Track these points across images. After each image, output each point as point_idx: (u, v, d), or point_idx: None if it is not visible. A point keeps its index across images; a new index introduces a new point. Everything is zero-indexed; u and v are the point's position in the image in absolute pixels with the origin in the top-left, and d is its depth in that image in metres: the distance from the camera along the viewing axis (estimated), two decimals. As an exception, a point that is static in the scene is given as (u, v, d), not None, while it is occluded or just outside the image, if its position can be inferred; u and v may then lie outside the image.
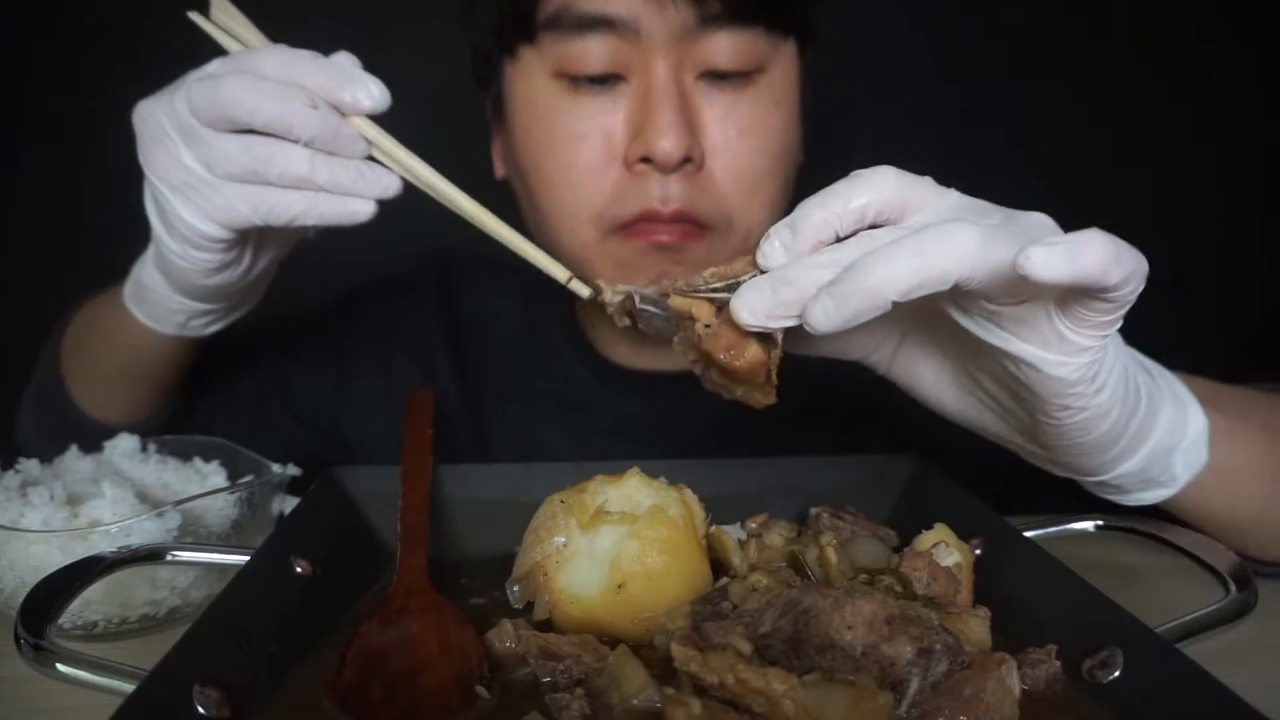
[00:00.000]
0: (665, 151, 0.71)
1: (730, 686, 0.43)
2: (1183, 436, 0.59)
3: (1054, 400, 0.49)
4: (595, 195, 0.76)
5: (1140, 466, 0.58)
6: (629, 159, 0.74)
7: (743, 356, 0.48)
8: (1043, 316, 0.46)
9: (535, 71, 0.76)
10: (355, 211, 0.60)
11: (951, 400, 0.58)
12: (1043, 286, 0.42)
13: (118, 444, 0.72)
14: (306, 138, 0.57)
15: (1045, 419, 0.51)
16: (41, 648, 0.45)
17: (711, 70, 0.74)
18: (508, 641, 0.50)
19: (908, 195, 0.48)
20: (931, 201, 0.48)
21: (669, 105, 0.72)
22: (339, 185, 0.59)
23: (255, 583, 0.51)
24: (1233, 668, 0.43)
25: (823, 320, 0.44)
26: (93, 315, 0.82)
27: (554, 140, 0.76)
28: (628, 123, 0.74)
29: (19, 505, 0.61)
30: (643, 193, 0.74)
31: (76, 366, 0.83)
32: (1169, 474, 0.60)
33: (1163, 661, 0.45)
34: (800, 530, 0.62)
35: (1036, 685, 0.47)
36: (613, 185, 0.75)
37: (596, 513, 0.54)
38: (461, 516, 0.66)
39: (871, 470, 0.70)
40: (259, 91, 0.56)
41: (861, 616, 0.44)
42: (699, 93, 0.74)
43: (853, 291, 0.43)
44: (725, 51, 0.73)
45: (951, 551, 0.55)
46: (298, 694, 0.46)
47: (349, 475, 0.66)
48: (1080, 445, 0.54)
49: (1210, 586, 0.54)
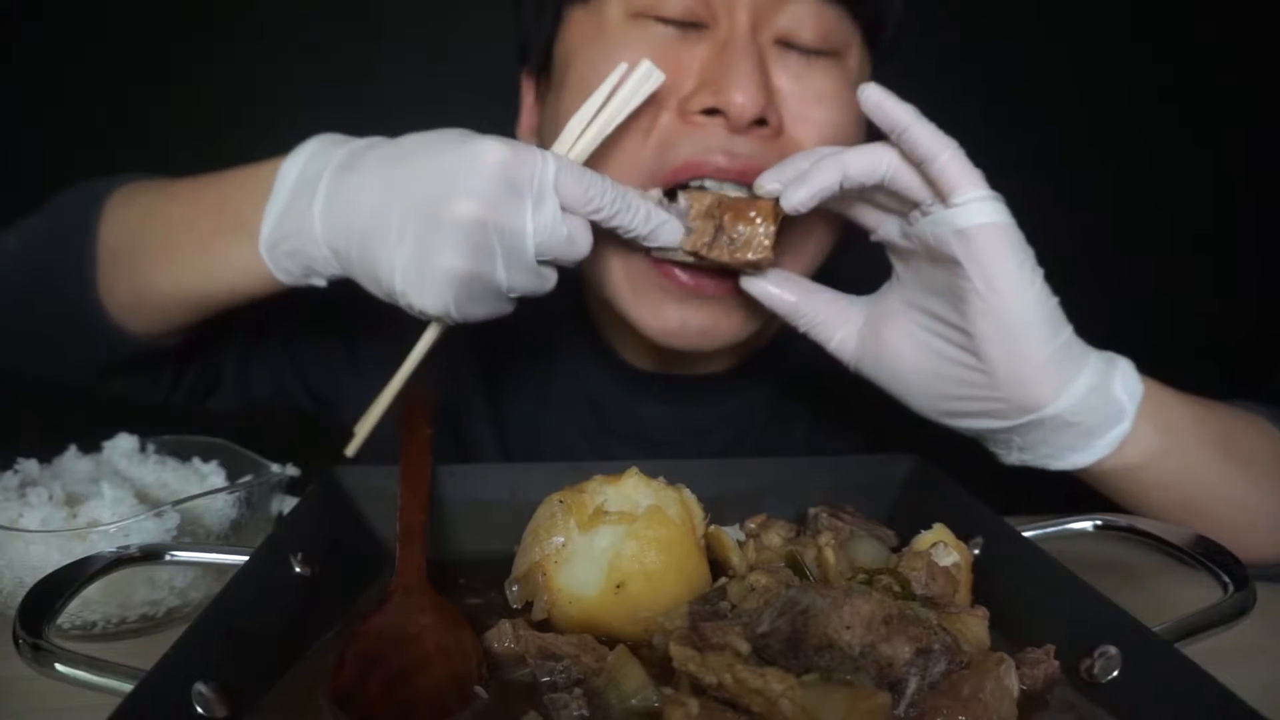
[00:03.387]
0: (740, 104, 0.68)
1: (728, 686, 0.43)
2: (1114, 367, 0.65)
3: (974, 256, 0.60)
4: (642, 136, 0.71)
5: (1085, 390, 0.62)
6: (689, 108, 0.70)
7: (757, 200, 0.67)
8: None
9: (611, 14, 0.73)
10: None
11: (910, 353, 0.66)
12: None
13: (117, 444, 0.72)
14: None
15: (975, 296, 0.60)
16: (40, 647, 0.45)
17: (789, 39, 0.72)
18: (506, 641, 0.50)
19: None
20: None
21: (749, 59, 0.69)
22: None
23: (254, 583, 0.51)
24: (1231, 667, 0.43)
25: (795, 194, 0.63)
26: (170, 223, 0.72)
27: (611, 65, 0.69)
28: (699, 71, 0.71)
29: (18, 505, 0.61)
30: (698, 142, 0.70)
31: (132, 279, 0.73)
32: (1115, 404, 0.63)
33: (1161, 661, 0.45)
34: (799, 530, 0.62)
35: (1035, 685, 0.47)
36: (661, 132, 0.71)
37: (595, 513, 0.54)
38: (460, 516, 0.66)
39: (871, 470, 0.70)
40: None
41: (860, 616, 0.44)
42: (774, 57, 0.72)
43: (816, 173, 0.62)
44: (807, 21, 0.72)
45: (950, 551, 0.55)
46: (296, 694, 0.46)
47: (348, 475, 0.66)
48: (1011, 331, 0.60)
49: (1209, 586, 0.54)
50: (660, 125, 0.71)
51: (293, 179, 0.65)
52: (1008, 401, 0.62)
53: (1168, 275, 1.78)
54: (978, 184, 0.60)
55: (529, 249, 0.61)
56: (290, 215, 0.65)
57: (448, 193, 0.58)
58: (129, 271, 0.73)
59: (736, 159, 0.69)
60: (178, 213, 0.72)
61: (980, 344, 0.61)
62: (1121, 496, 0.67)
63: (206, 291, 0.72)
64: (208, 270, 0.71)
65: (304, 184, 0.64)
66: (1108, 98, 1.72)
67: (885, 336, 0.67)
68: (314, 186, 0.63)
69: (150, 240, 0.73)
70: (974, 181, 0.60)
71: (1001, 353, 0.61)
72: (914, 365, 0.66)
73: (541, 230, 0.60)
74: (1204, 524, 0.62)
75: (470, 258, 0.59)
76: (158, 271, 0.72)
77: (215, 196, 0.70)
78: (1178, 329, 1.55)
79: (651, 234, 0.66)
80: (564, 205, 0.61)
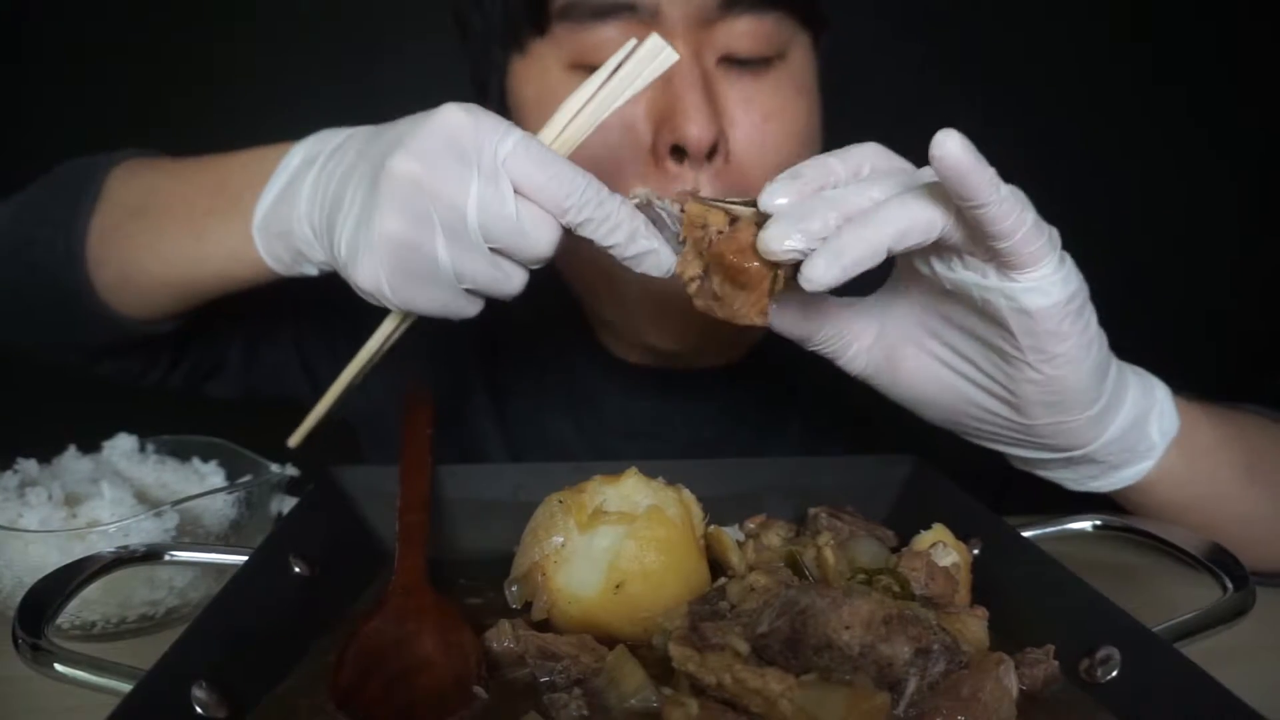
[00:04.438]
0: (695, 137, 0.68)
1: (728, 686, 0.43)
2: (1153, 401, 0.61)
3: (1034, 332, 0.52)
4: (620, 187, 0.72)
5: (1120, 433, 0.59)
6: (659, 150, 0.70)
7: (752, 260, 0.51)
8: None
9: (549, 65, 0.73)
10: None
11: (933, 385, 0.60)
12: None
13: (117, 444, 0.72)
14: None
15: (1026, 367, 0.54)
16: (40, 647, 0.45)
17: (731, 56, 0.72)
18: (506, 641, 0.50)
19: (895, 164, 0.54)
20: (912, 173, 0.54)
21: (695, 89, 0.69)
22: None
23: (253, 583, 0.51)
24: (1231, 667, 0.43)
25: (825, 271, 0.48)
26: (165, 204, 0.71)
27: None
28: (650, 112, 0.71)
29: (17, 505, 0.62)
30: (671, 189, 0.70)
31: (121, 259, 0.72)
32: (1147, 441, 0.61)
33: (1161, 661, 0.45)
34: (798, 530, 0.62)
35: (1034, 685, 0.47)
36: (644, 181, 0.71)
37: (595, 513, 0.54)
38: (460, 516, 0.66)
39: (870, 470, 0.70)
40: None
41: (859, 616, 0.44)
42: (720, 78, 0.72)
43: (853, 241, 0.48)
44: (745, 36, 0.72)
45: (950, 551, 0.55)
46: (296, 694, 0.46)
47: (348, 475, 0.66)
48: (1061, 399, 0.55)
49: (1208, 586, 0.54)
50: (638, 173, 0.71)
51: (296, 162, 0.64)
52: (1040, 444, 0.60)
53: (1168, 273, 1.78)
54: (1051, 260, 0.51)
55: (470, 226, 0.53)
56: (285, 197, 0.63)
57: (391, 150, 0.54)
58: (119, 250, 0.72)
59: None
60: (176, 191, 0.71)
61: (1023, 404, 0.56)
62: (1138, 510, 0.66)
63: (194, 275, 0.70)
64: (198, 252, 0.69)
65: (305, 165, 0.63)
66: (1106, 99, 1.72)
67: (902, 364, 0.60)
68: (310, 167, 0.62)
69: (144, 219, 0.72)
70: (1048, 259, 0.51)
71: (1046, 414, 0.57)
72: (935, 398, 0.61)
73: (486, 208, 0.53)
74: (1223, 539, 0.60)
75: (404, 221, 0.53)
76: (147, 251, 0.71)
77: (217, 177, 0.69)
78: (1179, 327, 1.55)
79: (635, 259, 0.56)
80: (521, 190, 0.53)
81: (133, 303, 0.74)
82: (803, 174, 0.52)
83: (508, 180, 0.53)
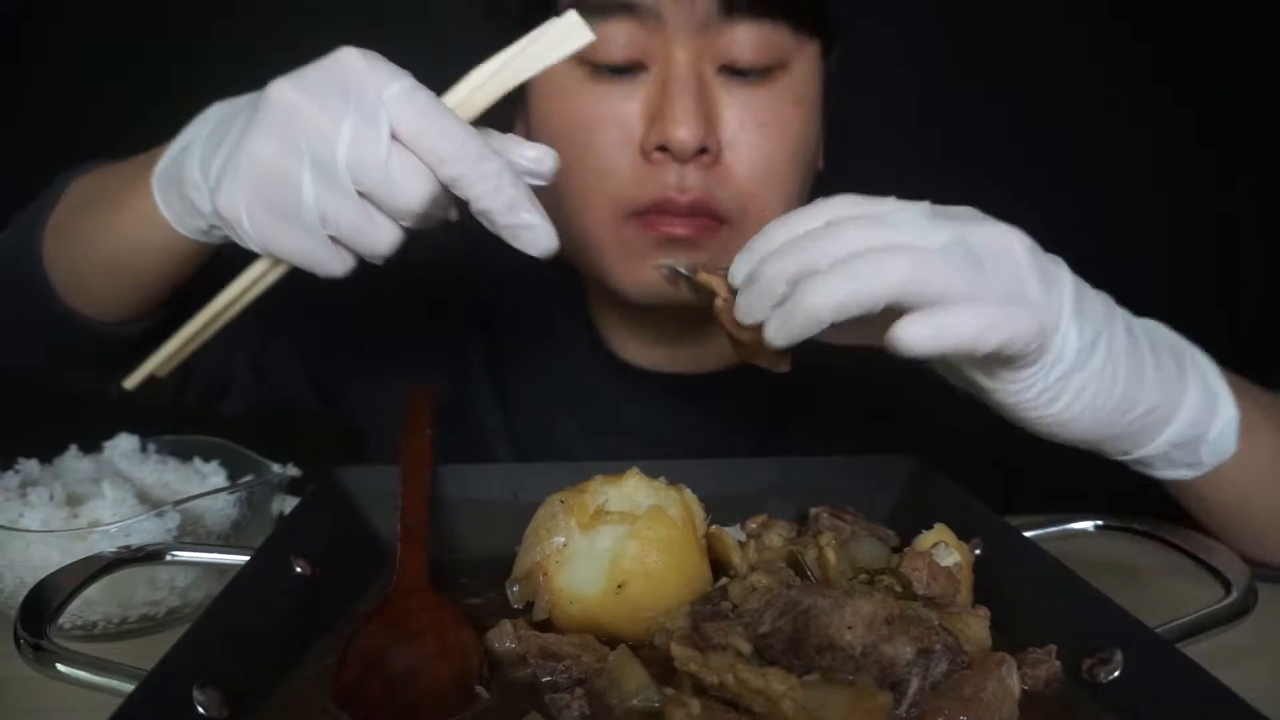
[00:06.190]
0: (681, 140, 0.70)
1: (730, 686, 0.43)
2: (1209, 427, 0.60)
3: (1015, 411, 0.55)
4: (611, 181, 0.75)
5: (1162, 452, 0.60)
6: (646, 147, 0.73)
7: (746, 330, 0.53)
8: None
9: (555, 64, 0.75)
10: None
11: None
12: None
13: (118, 444, 0.72)
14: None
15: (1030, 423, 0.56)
16: (41, 648, 0.45)
17: (732, 63, 0.73)
18: (507, 641, 0.50)
19: (861, 210, 0.51)
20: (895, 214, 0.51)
21: (687, 94, 0.71)
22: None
23: (255, 583, 0.51)
24: (1233, 668, 0.43)
25: (776, 337, 0.50)
26: (96, 191, 0.71)
27: (572, 127, 0.75)
28: (645, 110, 0.74)
29: (18, 505, 0.62)
30: (659, 181, 0.73)
31: (65, 248, 0.72)
32: (1194, 458, 0.61)
33: (1163, 661, 0.45)
34: (800, 530, 0.62)
35: (1036, 685, 0.47)
36: (629, 171, 0.74)
37: (596, 513, 0.54)
38: (461, 516, 0.66)
39: (871, 470, 0.70)
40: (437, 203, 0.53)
41: (861, 617, 0.44)
42: (718, 85, 0.74)
43: (796, 312, 0.48)
44: (746, 44, 0.73)
45: (951, 551, 0.55)
46: (297, 694, 0.46)
47: (349, 475, 0.66)
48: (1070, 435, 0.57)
49: (1210, 586, 0.54)
50: (627, 163, 0.74)
51: (214, 118, 0.61)
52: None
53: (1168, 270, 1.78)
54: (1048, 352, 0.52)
55: (339, 162, 0.51)
56: (186, 148, 0.60)
57: (278, 81, 0.53)
58: (64, 243, 0.72)
59: (687, 192, 0.73)
60: (111, 177, 0.71)
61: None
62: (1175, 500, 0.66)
63: (118, 249, 0.69)
64: (118, 225, 0.68)
65: (212, 119, 0.60)
66: (1107, 97, 1.72)
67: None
68: (216, 120, 0.60)
69: (82, 210, 0.72)
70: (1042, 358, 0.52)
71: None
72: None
73: (358, 145, 0.51)
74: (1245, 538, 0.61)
75: (273, 147, 0.52)
76: (80, 235, 0.71)
77: (149, 156, 0.67)
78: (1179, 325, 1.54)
79: (511, 232, 0.53)
80: (399, 135, 0.51)
81: (86, 298, 0.73)
82: (753, 246, 0.52)
83: (386, 122, 0.51)
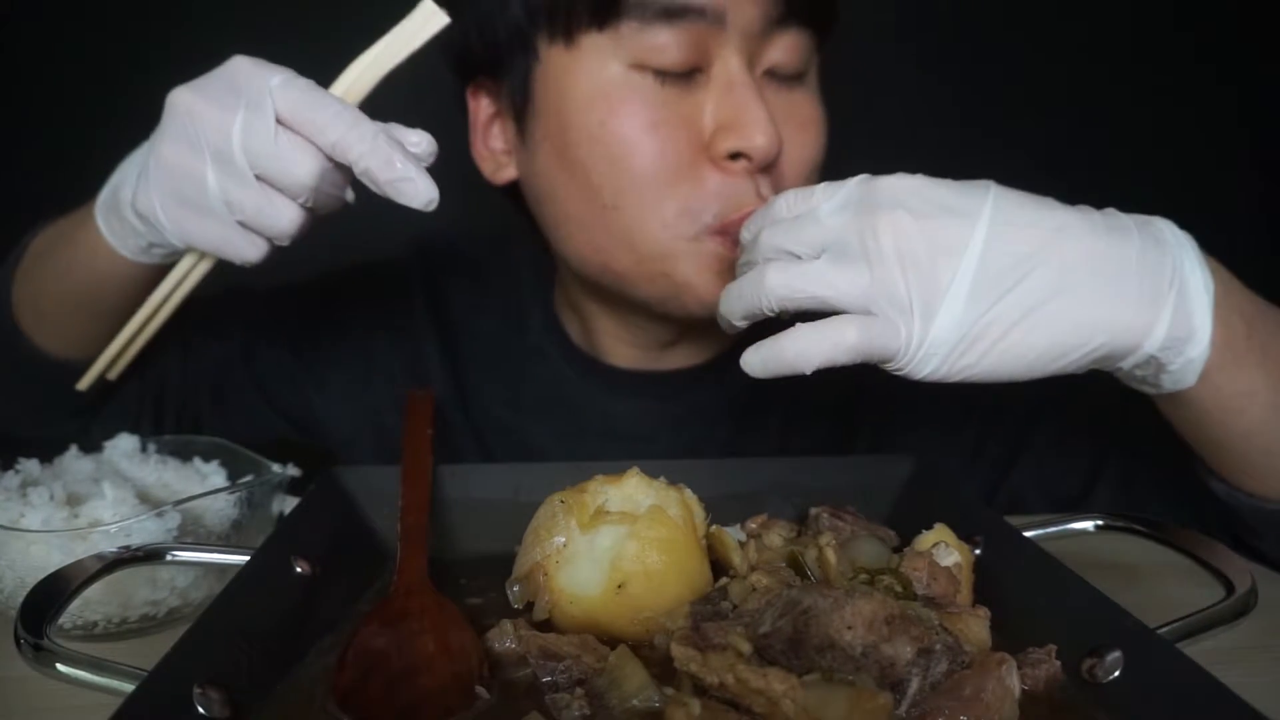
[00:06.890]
0: (763, 147, 0.70)
1: (730, 686, 0.43)
2: (1172, 358, 0.58)
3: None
4: (685, 188, 0.73)
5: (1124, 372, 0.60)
6: (718, 154, 0.72)
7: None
8: None
9: (607, 61, 0.72)
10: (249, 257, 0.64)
11: None
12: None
13: (118, 444, 0.72)
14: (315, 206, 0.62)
15: None
16: (41, 648, 0.45)
17: (775, 68, 0.75)
18: (508, 641, 0.50)
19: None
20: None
21: (758, 100, 0.71)
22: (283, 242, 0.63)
23: (255, 583, 0.51)
24: (1233, 668, 0.43)
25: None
26: (55, 235, 0.77)
27: (636, 133, 0.72)
28: (712, 115, 0.72)
29: (19, 505, 0.61)
30: (742, 192, 0.72)
31: (30, 292, 0.78)
32: (1155, 384, 0.60)
33: (1163, 661, 0.45)
34: (800, 530, 0.62)
35: (1036, 685, 0.47)
36: (705, 180, 0.73)
37: (596, 513, 0.54)
38: (461, 516, 0.66)
39: (871, 470, 0.70)
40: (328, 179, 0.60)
41: (861, 617, 0.44)
42: (764, 90, 0.74)
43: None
44: (789, 50, 0.74)
45: (951, 551, 0.55)
46: (298, 694, 0.46)
47: (349, 475, 0.66)
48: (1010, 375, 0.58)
49: (1210, 586, 0.54)
50: (700, 171, 0.73)
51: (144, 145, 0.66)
52: None
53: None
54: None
55: (235, 150, 0.58)
56: (123, 173, 0.68)
57: (177, 89, 0.61)
58: (28, 284, 0.77)
59: (764, 201, 0.72)
60: (68, 219, 0.75)
61: None
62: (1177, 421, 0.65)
63: (76, 282, 0.74)
64: (70, 257, 0.73)
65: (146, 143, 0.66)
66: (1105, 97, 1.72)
67: None
68: None
69: (42, 252, 0.77)
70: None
71: None
72: None
73: (250, 133, 0.58)
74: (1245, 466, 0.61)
75: (177, 147, 0.60)
76: (41, 275, 0.76)
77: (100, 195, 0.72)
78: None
79: (393, 188, 0.59)
80: (284, 119, 0.59)
81: (55, 337, 0.78)
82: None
83: (272, 109, 0.58)
